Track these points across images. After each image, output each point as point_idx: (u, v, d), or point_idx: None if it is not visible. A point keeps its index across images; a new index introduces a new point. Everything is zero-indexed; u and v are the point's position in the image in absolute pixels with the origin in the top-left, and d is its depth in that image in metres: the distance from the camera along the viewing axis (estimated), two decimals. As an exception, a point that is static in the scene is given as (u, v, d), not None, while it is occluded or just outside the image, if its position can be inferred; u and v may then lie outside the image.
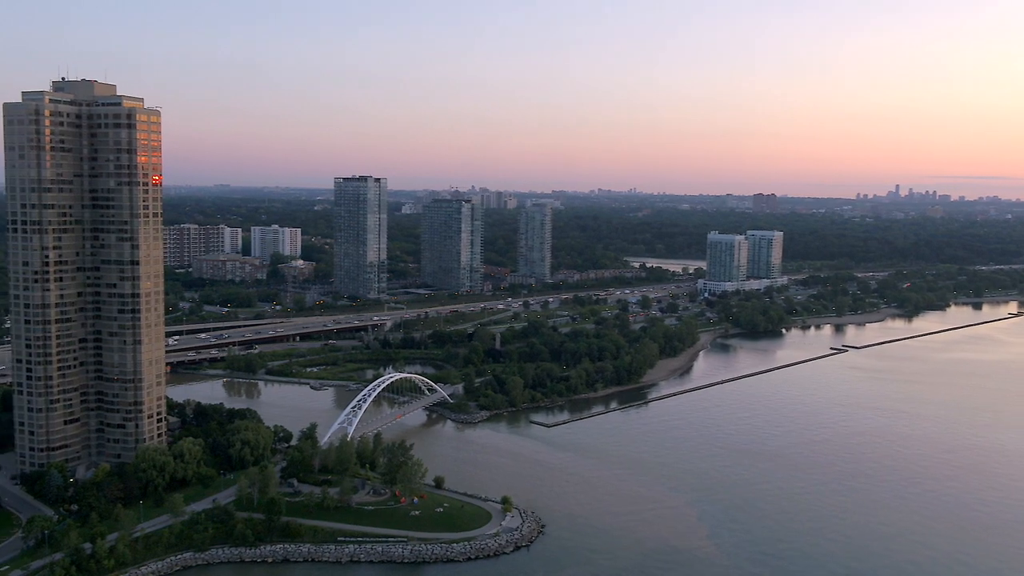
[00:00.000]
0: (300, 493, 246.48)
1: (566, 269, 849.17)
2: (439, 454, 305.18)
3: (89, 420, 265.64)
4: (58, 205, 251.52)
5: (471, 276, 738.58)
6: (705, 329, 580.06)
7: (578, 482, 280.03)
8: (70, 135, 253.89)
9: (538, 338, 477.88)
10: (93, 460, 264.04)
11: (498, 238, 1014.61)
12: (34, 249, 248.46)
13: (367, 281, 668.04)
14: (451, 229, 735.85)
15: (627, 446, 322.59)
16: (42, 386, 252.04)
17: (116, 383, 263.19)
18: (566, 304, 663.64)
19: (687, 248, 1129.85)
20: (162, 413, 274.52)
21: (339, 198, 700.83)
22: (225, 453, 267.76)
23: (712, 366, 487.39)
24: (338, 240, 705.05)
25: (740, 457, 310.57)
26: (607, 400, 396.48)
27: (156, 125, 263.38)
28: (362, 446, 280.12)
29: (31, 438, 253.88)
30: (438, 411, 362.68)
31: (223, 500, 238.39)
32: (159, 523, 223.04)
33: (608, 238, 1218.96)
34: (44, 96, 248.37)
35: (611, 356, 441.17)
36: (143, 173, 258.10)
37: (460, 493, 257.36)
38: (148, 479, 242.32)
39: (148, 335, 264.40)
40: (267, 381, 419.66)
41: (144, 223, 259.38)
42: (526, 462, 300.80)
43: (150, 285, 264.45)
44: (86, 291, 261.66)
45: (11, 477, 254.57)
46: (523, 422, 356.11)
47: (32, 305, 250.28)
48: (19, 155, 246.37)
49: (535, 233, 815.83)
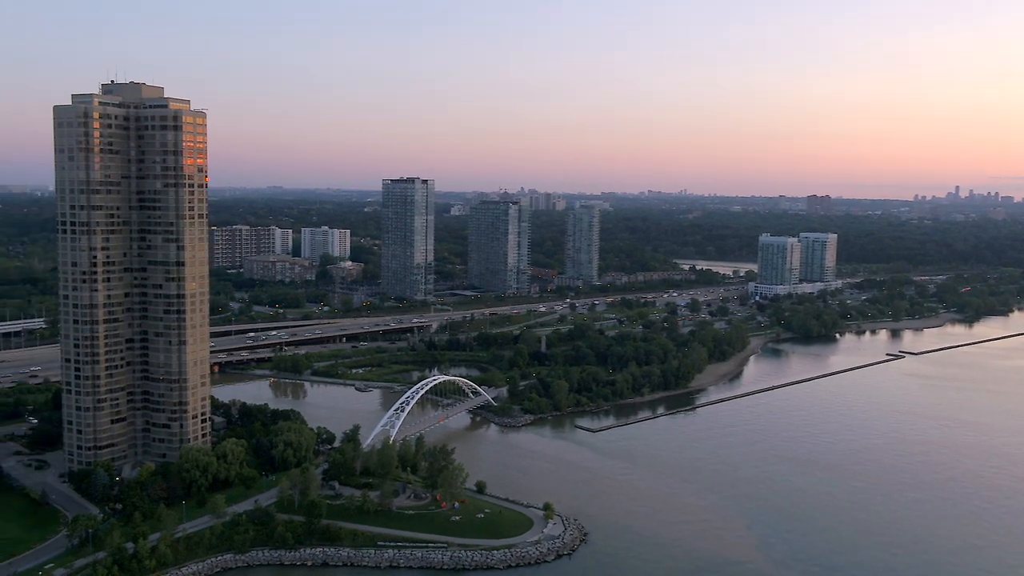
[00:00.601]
0: (341, 496, 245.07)
1: (614, 271, 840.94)
2: (482, 458, 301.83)
3: (135, 419, 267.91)
4: (106, 206, 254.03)
5: (518, 278, 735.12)
6: (756, 333, 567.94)
7: (623, 489, 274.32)
8: (118, 137, 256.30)
9: (584, 341, 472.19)
10: (139, 459, 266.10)
11: (546, 240, 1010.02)
12: (82, 250, 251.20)
13: (414, 283, 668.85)
14: (498, 231, 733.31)
15: (674, 452, 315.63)
16: (90, 385, 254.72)
17: (162, 383, 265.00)
18: (613, 307, 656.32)
19: (738, 250, 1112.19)
20: (206, 413, 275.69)
21: (387, 200, 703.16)
22: (268, 454, 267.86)
23: (763, 371, 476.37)
24: (386, 242, 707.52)
25: (792, 465, 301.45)
26: (654, 405, 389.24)
27: (202, 127, 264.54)
28: (404, 449, 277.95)
29: (79, 437, 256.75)
30: (482, 414, 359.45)
31: (265, 501, 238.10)
32: (201, 524, 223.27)
33: (657, 240, 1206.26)
34: (93, 99, 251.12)
35: (658, 360, 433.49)
36: (189, 175, 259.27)
37: (502, 498, 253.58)
38: (191, 479, 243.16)
39: (193, 336, 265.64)
40: (313, 382, 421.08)
41: (189, 224, 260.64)
42: (570, 467, 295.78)
43: (195, 286, 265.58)
44: (133, 291, 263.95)
45: (59, 475, 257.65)
46: (568, 427, 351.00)
47: (80, 305, 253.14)
48: (68, 157, 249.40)
49: (583, 235, 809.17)
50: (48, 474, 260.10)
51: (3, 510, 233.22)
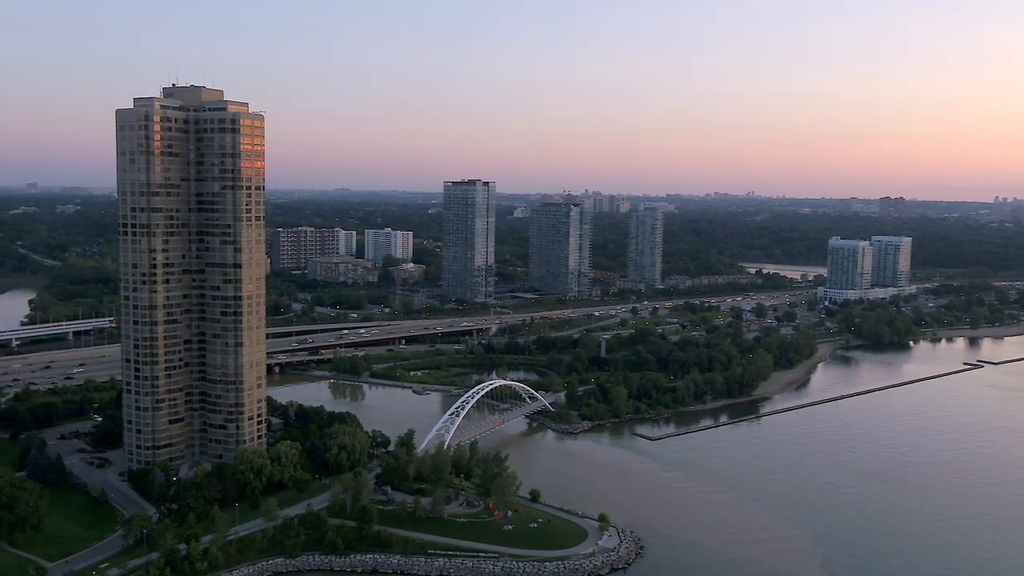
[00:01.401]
0: (393, 501, 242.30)
1: (677, 275, 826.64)
2: (537, 465, 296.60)
3: (193, 420, 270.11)
4: (165, 209, 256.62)
5: (579, 281, 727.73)
6: (824, 340, 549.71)
7: (682, 500, 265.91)
8: (178, 140, 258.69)
9: (645, 346, 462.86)
10: (196, 460, 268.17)
11: (608, 242, 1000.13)
12: (142, 252, 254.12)
13: (474, 285, 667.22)
14: (559, 233, 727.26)
15: (737, 463, 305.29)
16: (148, 386, 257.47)
17: (219, 384, 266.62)
18: (676, 311, 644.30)
19: (807, 254, 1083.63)
20: (262, 415, 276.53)
21: (448, 202, 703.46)
22: (322, 457, 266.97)
23: (831, 379, 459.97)
24: (447, 244, 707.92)
25: (862, 479, 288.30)
26: (716, 413, 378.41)
27: (260, 129, 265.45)
28: (458, 455, 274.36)
29: (138, 436, 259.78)
30: (539, 420, 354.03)
31: (317, 505, 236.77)
32: (253, 527, 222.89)
33: (723, 243, 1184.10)
34: (154, 102, 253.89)
35: (722, 367, 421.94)
36: (246, 177, 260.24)
37: (556, 508, 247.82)
38: (245, 481, 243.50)
39: (249, 337, 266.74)
40: (371, 384, 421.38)
41: (246, 226, 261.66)
42: (627, 477, 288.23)
43: (252, 288, 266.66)
44: (191, 293, 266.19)
45: (119, 474, 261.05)
46: (626, 434, 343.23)
47: (140, 306, 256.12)
48: (130, 160, 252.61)
49: (646, 237, 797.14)
50: (109, 472, 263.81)
51: (64, 507, 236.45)
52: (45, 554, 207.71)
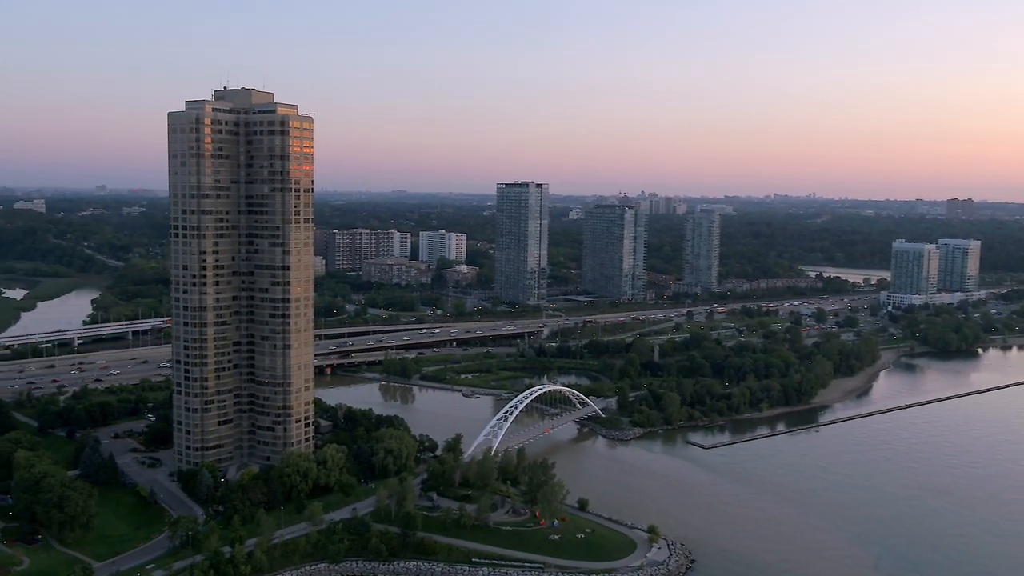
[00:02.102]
0: (439, 508, 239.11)
1: (735, 278, 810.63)
2: (586, 472, 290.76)
3: (242, 422, 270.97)
4: (216, 211, 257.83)
5: (633, 284, 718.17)
6: (887, 346, 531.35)
7: (736, 513, 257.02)
8: (228, 142, 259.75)
9: (700, 351, 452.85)
10: (245, 461, 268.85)
11: (664, 245, 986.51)
12: (193, 253, 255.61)
13: (527, 287, 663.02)
14: (613, 235, 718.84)
15: (793, 474, 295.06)
16: (198, 387, 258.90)
17: (267, 386, 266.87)
18: (733, 315, 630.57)
19: (869, 257, 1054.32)
20: (310, 417, 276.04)
21: (501, 204, 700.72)
22: (368, 461, 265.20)
23: (894, 388, 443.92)
24: (499, 246, 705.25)
25: (926, 495, 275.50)
26: (773, 422, 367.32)
27: (309, 132, 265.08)
28: (505, 461, 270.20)
29: (187, 437, 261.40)
30: (589, 426, 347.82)
31: (362, 510, 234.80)
32: (298, 530, 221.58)
33: (782, 245, 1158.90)
34: (205, 105, 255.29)
35: (779, 373, 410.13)
36: (295, 179, 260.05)
37: (604, 517, 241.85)
38: (292, 484, 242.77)
39: (297, 340, 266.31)
40: (421, 386, 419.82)
41: (295, 229, 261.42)
42: (679, 487, 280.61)
43: (300, 290, 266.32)
44: (241, 295, 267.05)
45: (169, 474, 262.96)
46: (679, 442, 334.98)
47: (190, 308, 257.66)
48: (181, 162, 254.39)
49: (702, 240, 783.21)
50: (159, 472, 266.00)
51: (114, 507, 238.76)
52: (94, 553, 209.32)
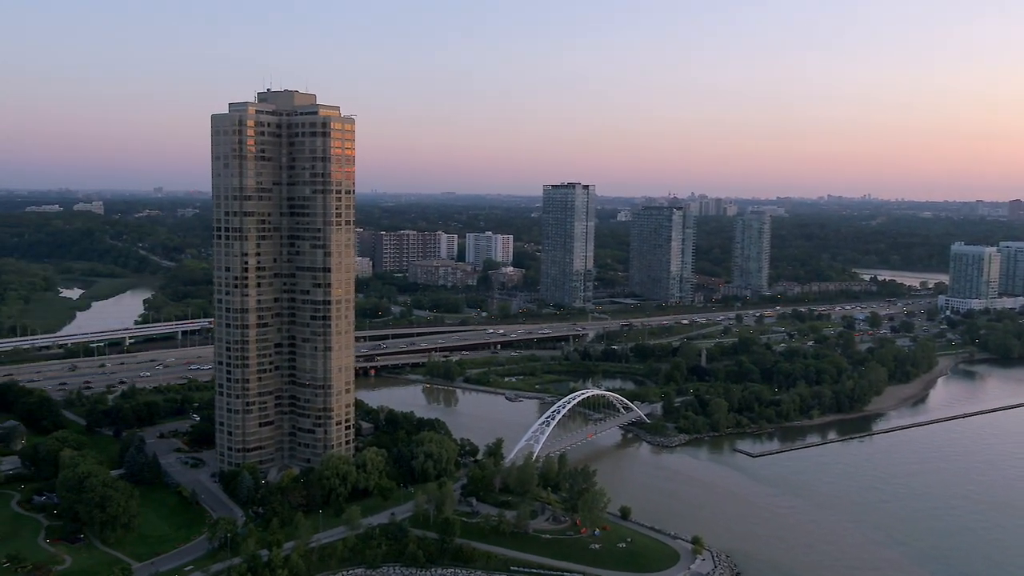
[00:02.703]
0: (478, 514, 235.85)
1: (786, 281, 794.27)
2: (629, 480, 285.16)
3: (283, 423, 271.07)
4: (258, 213, 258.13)
5: (681, 286, 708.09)
6: (945, 352, 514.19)
7: (784, 524, 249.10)
8: (270, 144, 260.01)
9: (748, 356, 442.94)
10: (285, 463, 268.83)
11: (714, 247, 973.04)
12: (235, 255, 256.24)
13: (572, 289, 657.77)
14: (660, 237, 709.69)
15: (845, 484, 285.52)
16: (239, 388, 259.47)
17: (308, 388, 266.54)
18: (783, 319, 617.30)
19: (926, 260, 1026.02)
20: (350, 420, 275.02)
21: (547, 205, 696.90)
22: (408, 465, 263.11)
23: (953, 396, 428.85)
24: (545, 247, 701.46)
25: (987, 510, 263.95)
26: (824, 429, 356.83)
27: (350, 133, 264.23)
28: (546, 467, 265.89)
29: (229, 438, 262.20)
30: (634, 431, 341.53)
31: (400, 515, 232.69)
32: (335, 534, 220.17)
33: (836, 248, 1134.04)
34: (248, 107, 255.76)
35: (831, 380, 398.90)
36: (336, 181, 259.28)
37: (647, 527, 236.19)
38: (331, 487, 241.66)
39: (338, 342, 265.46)
40: (464, 389, 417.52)
41: (336, 230, 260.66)
42: (725, 496, 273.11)
43: (341, 292, 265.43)
44: (282, 297, 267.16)
45: (211, 474, 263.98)
46: (726, 449, 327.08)
47: (232, 309, 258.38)
48: (224, 164, 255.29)
49: (752, 242, 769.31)
50: (202, 472, 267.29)
51: (156, 507, 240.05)
52: (134, 553, 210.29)
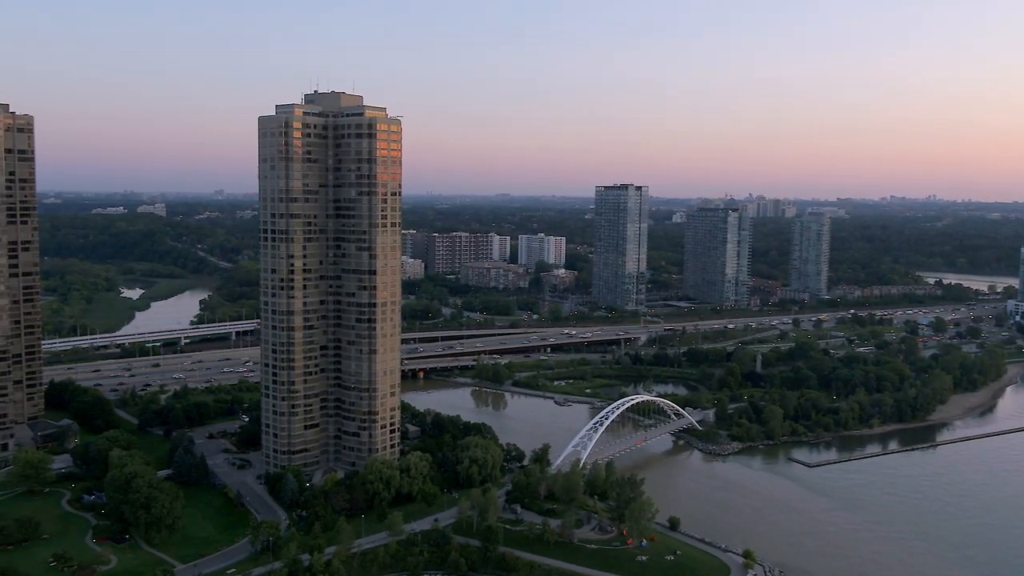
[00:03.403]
0: (522, 521, 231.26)
1: (846, 284, 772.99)
2: (679, 488, 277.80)
3: (328, 426, 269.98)
4: (304, 215, 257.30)
5: (736, 289, 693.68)
6: (1015, 360, 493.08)
7: (841, 538, 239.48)
8: (316, 146, 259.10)
9: (805, 362, 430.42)
10: (331, 466, 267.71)
11: (771, 249, 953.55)
12: (281, 257, 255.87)
13: (625, 292, 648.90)
14: (716, 239, 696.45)
15: (908, 498, 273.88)
16: (285, 390, 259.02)
17: (353, 391, 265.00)
18: (843, 324, 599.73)
19: (995, 263, 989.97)
20: (395, 424, 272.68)
21: (599, 207, 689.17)
22: (453, 470, 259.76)
23: (1022, 406, 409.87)
24: (598, 249, 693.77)
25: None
26: (885, 439, 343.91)
27: (396, 134, 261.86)
28: (593, 474, 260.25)
29: (274, 440, 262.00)
30: (685, 439, 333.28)
31: (444, 521, 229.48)
32: (377, 540, 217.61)
33: (898, 250, 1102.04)
34: (294, 109, 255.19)
35: (892, 387, 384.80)
36: (382, 182, 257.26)
37: (696, 539, 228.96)
38: (374, 491, 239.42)
39: (383, 345, 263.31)
40: (513, 392, 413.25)
41: (382, 232, 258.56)
42: (779, 507, 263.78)
43: (387, 295, 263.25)
44: (328, 299, 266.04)
45: (257, 476, 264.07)
46: (781, 458, 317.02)
47: (278, 311, 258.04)
48: (270, 166, 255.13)
49: (811, 244, 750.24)
50: (248, 474, 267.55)
51: (203, 508, 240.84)
52: (178, 555, 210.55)
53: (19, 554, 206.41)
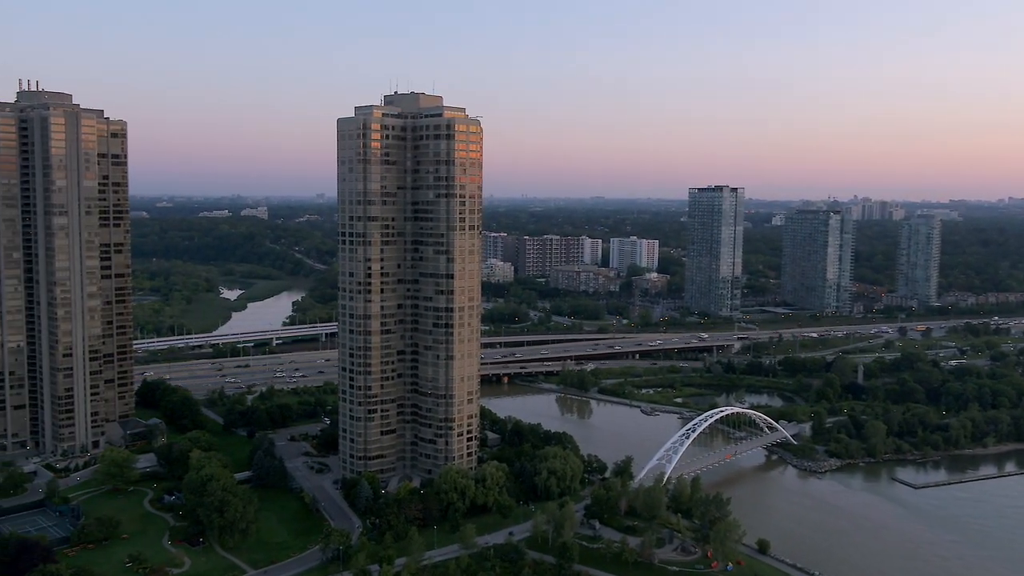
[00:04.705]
0: (600, 538, 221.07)
1: (958, 290, 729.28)
2: (770, 507, 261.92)
3: (405, 432, 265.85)
4: (381, 218, 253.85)
5: (838, 295, 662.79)
6: None
7: (950, 569, 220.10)
8: (395, 148, 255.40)
9: (912, 373, 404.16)
10: (407, 473, 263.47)
11: (876, 253, 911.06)
12: (359, 261, 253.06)
13: (719, 297, 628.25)
14: (816, 243, 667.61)
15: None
16: (362, 395, 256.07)
17: (429, 397, 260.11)
18: (954, 333, 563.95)
19: None
20: (473, 431, 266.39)
21: (693, 209, 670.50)
22: (530, 481, 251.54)
23: None
24: (691, 253, 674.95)
25: None
26: (1001, 460, 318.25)
27: (476, 135, 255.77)
28: (677, 490, 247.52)
29: (351, 445, 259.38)
30: (778, 453, 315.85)
31: (519, 534, 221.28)
32: (449, 552, 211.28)
33: (1017, 255, 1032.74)
34: (372, 110, 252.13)
35: (1010, 403, 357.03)
36: (460, 184, 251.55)
37: (788, 563, 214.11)
38: (448, 501, 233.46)
39: (461, 351, 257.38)
40: (598, 400, 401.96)
41: (460, 236, 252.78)
42: (879, 532, 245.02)
43: (464, 299, 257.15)
44: (406, 303, 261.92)
45: (334, 481, 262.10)
46: (883, 478, 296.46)
47: (355, 315, 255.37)
48: (349, 168, 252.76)
49: (919, 248, 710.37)
50: (326, 478, 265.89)
51: (279, 512, 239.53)
52: (251, 559, 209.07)
53: (99, 553, 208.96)
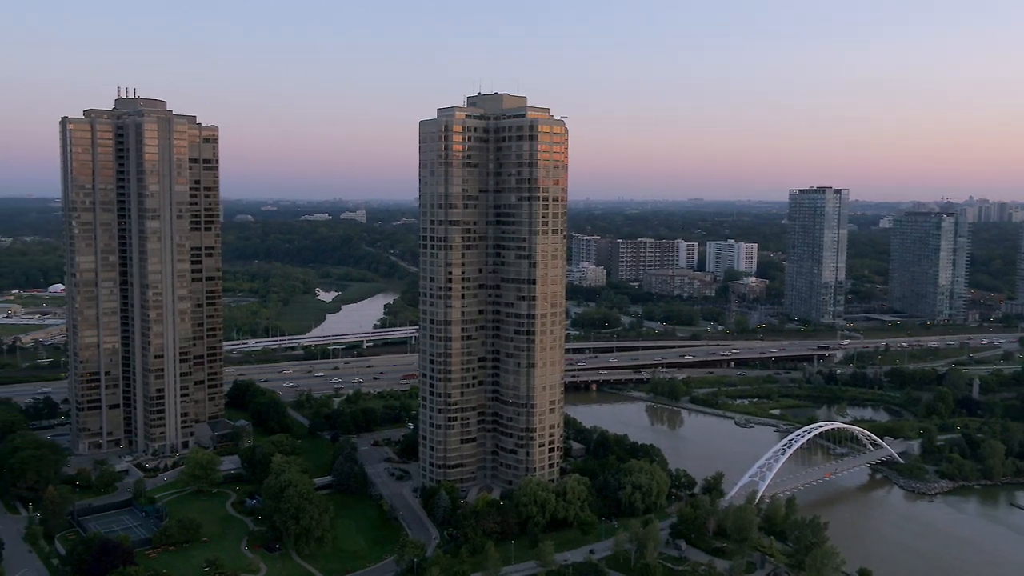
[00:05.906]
0: (686, 559, 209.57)
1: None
2: (873, 532, 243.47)
3: (486, 441, 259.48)
4: (463, 221, 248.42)
5: (951, 303, 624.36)
6: None
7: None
8: (477, 150, 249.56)
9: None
10: (487, 483, 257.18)
11: (994, 258, 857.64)
12: (439, 265, 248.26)
13: (820, 303, 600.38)
14: (927, 247, 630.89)
15: None
16: (442, 402, 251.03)
17: (510, 406, 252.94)
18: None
19: None
20: (555, 442, 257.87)
21: (793, 212, 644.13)
22: (614, 496, 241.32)
23: None
24: (791, 257, 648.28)
25: None
26: None
27: (560, 136, 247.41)
28: (771, 509, 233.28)
29: (431, 453, 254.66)
30: (883, 472, 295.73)
31: (600, 552, 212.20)
32: (525, 569, 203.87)
33: None
34: (455, 112, 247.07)
35: None
36: (543, 187, 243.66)
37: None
38: (527, 515, 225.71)
39: (543, 359, 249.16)
40: (689, 410, 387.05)
41: (542, 240, 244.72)
42: (998, 563, 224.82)
43: (547, 305, 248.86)
44: (487, 309, 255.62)
45: (413, 489, 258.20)
46: (1001, 503, 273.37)
47: (436, 321, 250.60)
48: (430, 172, 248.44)
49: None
50: (405, 486, 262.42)
51: (357, 519, 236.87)
52: (325, 568, 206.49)
53: (179, 556, 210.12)
